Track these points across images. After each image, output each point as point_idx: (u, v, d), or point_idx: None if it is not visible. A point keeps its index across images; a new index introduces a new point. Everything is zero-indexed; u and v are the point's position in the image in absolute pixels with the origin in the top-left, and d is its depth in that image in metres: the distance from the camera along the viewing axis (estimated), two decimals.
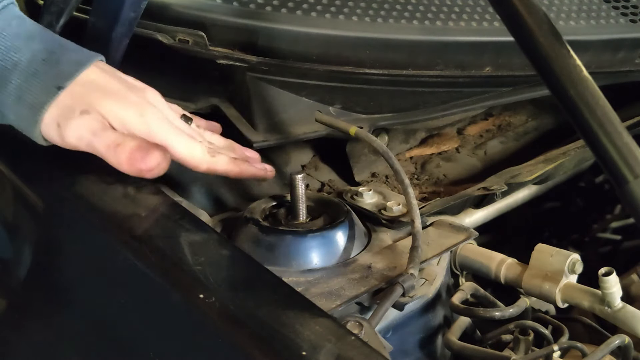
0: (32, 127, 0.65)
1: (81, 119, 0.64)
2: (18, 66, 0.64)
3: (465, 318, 0.77)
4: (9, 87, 0.64)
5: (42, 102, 0.64)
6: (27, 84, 0.64)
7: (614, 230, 1.17)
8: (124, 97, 0.66)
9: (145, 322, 0.64)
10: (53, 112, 0.64)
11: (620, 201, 0.54)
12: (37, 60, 0.64)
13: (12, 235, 0.79)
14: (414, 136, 1.02)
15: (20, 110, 0.64)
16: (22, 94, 0.64)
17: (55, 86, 0.64)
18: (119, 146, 0.64)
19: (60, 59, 0.65)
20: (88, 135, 0.64)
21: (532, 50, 0.56)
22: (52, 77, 0.64)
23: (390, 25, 0.85)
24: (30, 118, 0.64)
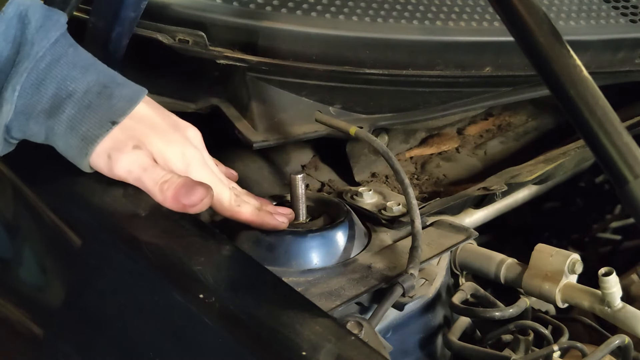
0: (82, 158, 0.66)
1: (132, 153, 0.66)
2: (73, 96, 0.65)
3: (465, 318, 0.77)
4: (62, 116, 0.65)
5: (96, 135, 0.65)
6: (80, 115, 0.65)
7: (614, 230, 1.17)
8: (169, 135, 0.69)
9: (145, 322, 0.64)
10: (105, 144, 0.66)
11: (620, 201, 0.54)
12: (92, 93, 0.66)
13: (12, 235, 0.79)
14: (414, 136, 1.02)
15: (71, 140, 0.66)
16: (75, 125, 0.65)
17: (109, 121, 0.65)
18: (165, 183, 0.66)
19: (113, 94, 0.66)
20: (137, 170, 0.66)
21: (532, 50, 0.56)
22: (106, 111, 0.66)
23: (390, 25, 0.85)
24: (82, 149, 0.66)
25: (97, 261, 0.69)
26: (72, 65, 0.66)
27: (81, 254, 0.70)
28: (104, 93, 0.66)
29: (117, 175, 0.67)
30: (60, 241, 0.72)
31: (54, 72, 0.65)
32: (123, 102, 0.67)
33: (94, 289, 0.69)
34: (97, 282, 0.68)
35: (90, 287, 0.69)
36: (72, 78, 0.66)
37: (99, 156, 0.66)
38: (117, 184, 0.72)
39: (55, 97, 0.65)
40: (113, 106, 0.66)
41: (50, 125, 0.65)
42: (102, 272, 0.68)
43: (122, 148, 0.66)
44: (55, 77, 0.65)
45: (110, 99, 0.66)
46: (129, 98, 0.67)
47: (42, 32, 0.65)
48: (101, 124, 0.65)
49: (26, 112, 0.65)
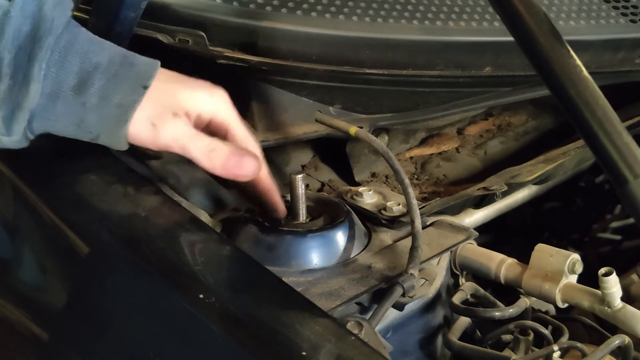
0: (121, 126, 0.65)
1: (175, 122, 0.66)
2: (99, 68, 0.65)
3: (465, 318, 0.77)
4: (92, 89, 0.64)
5: (132, 100, 0.65)
6: (111, 84, 0.64)
7: (614, 230, 1.17)
8: (195, 84, 0.69)
9: (145, 321, 0.64)
10: (142, 111, 0.65)
11: (620, 201, 0.54)
12: (115, 63, 0.65)
13: (12, 235, 0.80)
14: (414, 136, 1.02)
15: (106, 110, 0.65)
16: (108, 95, 0.64)
17: (141, 85, 0.65)
18: (212, 152, 0.66)
19: (134, 62, 0.66)
20: (183, 138, 0.66)
21: (532, 50, 0.56)
22: (134, 77, 0.65)
23: (390, 25, 0.85)
24: (120, 116, 0.65)
25: (97, 261, 0.69)
26: (90, 40, 0.65)
27: (81, 254, 0.70)
28: (125, 62, 0.66)
29: (162, 144, 0.67)
30: (60, 241, 0.72)
31: (76, 47, 0.64)
32: (146, 67, 0.66)
33: (94, 289, 0.69)
34: (97, 282, 0.69)
35: (90, 287, 0.69)
36: (94, 51, 0.65)
37: (140, 124, 0.65)
38: (117, 183, 0.72)
39: (81, 72, 0.64)
40: (138, 71, 0.66)
41: (81, 100, 0.64)
42: (102, 272, 0.68)
43: (163, 116, 0.66)
44: (78, 52, 0.64)
45: (133, 66, 0.66)
46: (149, 63, 0.67)
47: (59, 9, 0.64)
48: (134, 89, 0.65)
49: (53, 92, 0.63)
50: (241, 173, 0.67)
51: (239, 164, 0.67)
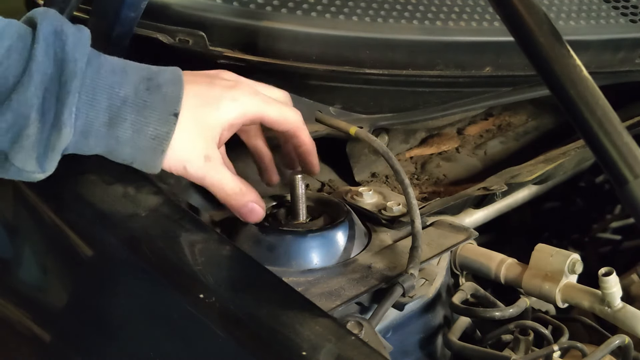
0: (157, 157, 0.67)
1: (204, 166, 0.69)
2: (127, 101, 0.65)
3: (465, 318, 0.77)
4: (125, 124, 0.65)
5: (166, 132, 0.66)
6: (142, 117, 0.66)
7: (614, 230, 1.17)
8: (218, 94, 0.70)
9: (145, 321, 0.64)
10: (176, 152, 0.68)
11: (620, 201, 0.54)
12: (141, 90, 0.66)
13: (12, 235, 0.80)
14: (414, 136, 1.02)
15: (141, 142, 0.66)
16: (141, 128, 0.66)
17: (171, 114, 0.66)
18: (229, 197, 0.71)
19: (159, 84, 0.67)
20: (206, 182, 0.70)
21: (532, 50, 0.56)
22: (163, 104, 0.66)
23: (390, 25, 0.85)
24: (156, 148, 0.66)
25: (97, 261, 0.69)
26: (112, 71, 0.66)
27: (81, 254, 0.70)
28: (151, 87, 0.66)
29: (189, 178, 0.70)
30: (60, 241, 0.72)
31: (100, 83, 0.65)
32: (172, 87, 0.67)
33: (94, 289, 0.69)
34: (97, 282, 0.69)
35: (90, 288, 0.69)
36: (118, 84, 0.65)
37: (171, 162, 0.68)
38: (117, 183, 0.72)
39: (110, 108, 0.65)
40: (166, 95, 0.67)
41: (114, 135, 0.65)
42: (102, 272, 0.68)
43: (193, 161, 0.69)
44: (104, 88, 0.65)
45: (160, 89, 0.66)
46: (173, 81, 0.68)
47: (80, 48, 0.64)
48: (165, 119, 0.66)
49: (85, 130, 0.64)
50: (247, 220, 0.73)
51: (248, 213, 0.72)
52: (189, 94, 0.68)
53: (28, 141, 0.62)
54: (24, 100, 0.61)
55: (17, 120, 0.61)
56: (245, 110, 0.71)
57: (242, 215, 0.73)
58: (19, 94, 0.61)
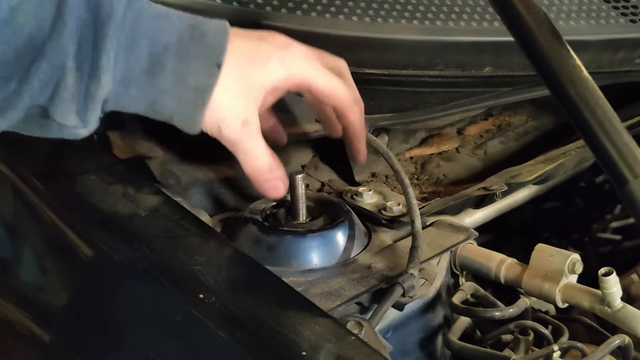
0: (197, 110, 0.64)
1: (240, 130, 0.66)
2: (170, 48, 0.62)
3: (465, 318, 0.77)
4: (166, 72, 0.62)
5: (209, 83, 0.63)
6: (185, 65, 0.62)
7: (614, 230, 1.17)
8: (266, 54, 0.67)
9: (145, 322, 0.64)
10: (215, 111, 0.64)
11: (620, 201, 0.54)
12: (185, 38, 0.63)
13: (12, 235, 0.79)
14: (414, 136, 1.02)
15: (182, 94, 0.63)
16: (183, 77, 0.62)
17: (214, 64, 0.63)
18: (256, 172, 0.68)
19: (204, 32, 0.64)
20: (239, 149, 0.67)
21: (532, 50, 0.56)
22: (207, 53, 0.63)
23: (390, 25, 0.85)
24: (197, 100, 0.63)
25: (97, 261, 0.69)
26: (155, 16, 0.62)
27: (81, 254, 0.70)
28: (196, 35, 0.63)
29: (223, 142, 0.67)
30: (60, 241, 0.72)
31: (141, 28, 0.61)
32: (217, 38, 0.64)
33: (94, 289, 0.69)
34: (97, 282, 0.69)
35: (90, 288, 0.69)
36: (161, 29, 0.62)
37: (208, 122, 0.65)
38: (117, 183, 0.72)
39: (151, 55, 0.61)
40: (210, 45, 0.63)
41: (155, 83, 0.62)
42: (102, 272, 0.68)
43: (231, 123, 0.65)
44: (145, 33, 0.61)
45: (204, 38, 0.63)
46: (218, 31, 0.65)
47: None
48: (208, 69, 0.63)
49: (124, 78, 0.61)
50: (265, 193, 0.70)
51: (270, 189, 0.70)
52: (234, 48, 0.64)
53: (67, 92, 0.59)
54: (58, 49, 0.57)
55: (54, 71, 0.58)
56: (291, 74, 0.68)
57: (263, 189, 0.69)
58: (53, 42, 0.57)
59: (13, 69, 0.57)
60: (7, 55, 0.57)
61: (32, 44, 0.57)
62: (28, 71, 0.57)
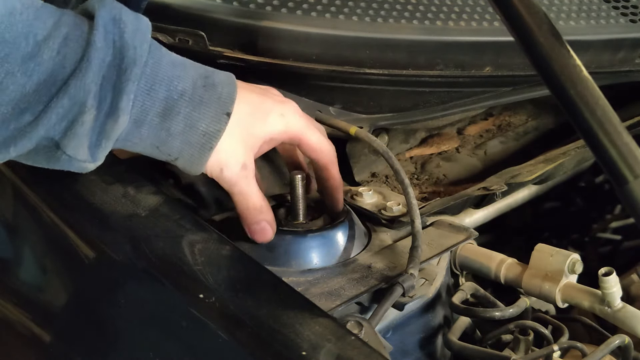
0: (204, 154, 0.67)
1: (239, 174, 0.70)
2: (185, 95, 0.66)
3: (465, 318, 0.77)
4: (179, 117, 0.65)
5: (217, 130, 0.67)
6: (197, 112, 0.66)
7: (614, 230, 1.17)
8: (268, 108, 0.72)
9: (145, 321, 0.64)
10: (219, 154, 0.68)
11: (620, 201, 0.54)
12: (199, 87, 0.67)
13: (12, 235, 0.79)
14: (414, 136, 1.02)
15: (191, 137, 0.66)
16: (194, 123, 0.66)
17: (224, 113, 0.67)
18: (247, 211, 0.71)
19: (215, 82, 0.68)
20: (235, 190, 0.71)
21: (532, 50, 0.56)
22: (217, 103, 0.67)
23: (390, 25, 0.85)
24: (205, 144, 0.67)
25: (97, 261, 0.69)
26: (172, 64, 0.66)
27: (81, 254, 0.70)
28: (208, 85, 0.67)
29: (221, 183, 0.71)
30: (60, 241, 0.72)
31: (160, 74, 0.65)
32: (227, 88, 0.68)
33: (94, 289, 0.69)
34: (96, 282, 0.69)
35: (90, 288, 0.69)
36: (178, 77, 0.66)
37: (212, 166, 0.68)
38: (117, 183, 0.72)
39: (167, 99, 0.65)
40: (221, 95, 0.67)
41: (166, 126, 0.65)
42: (101, 272, 0.68)
43: (231, 167, 0.69)
44: (163, 79, 0.65)
45: (215, 88, 0.67)
46: (228, 82, 0.69)
47: (140, 36, 0.63)
48: (218, 117, 0.67)
49: (139, 119, 0.64)
50: (254, 237, 0.73)
51: (259, 232, 0.72)
52: (241, 99, 0.69)
53: (82, 128, 0.61)
54: (81, 87, 0.60)
55: (73, 107, 0.60)
56: (289, 127, 0.72)
57: (251, 231, 0.72)
58: (76, 80, 0.60)
59: (30, 101, 0.60)
60: (26, 88, 0.59)
61: (52, 80, 0.60)
62: (48, 105, 0.60)
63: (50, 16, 0.60)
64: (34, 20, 0.59)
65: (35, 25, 0.59)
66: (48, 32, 0.59)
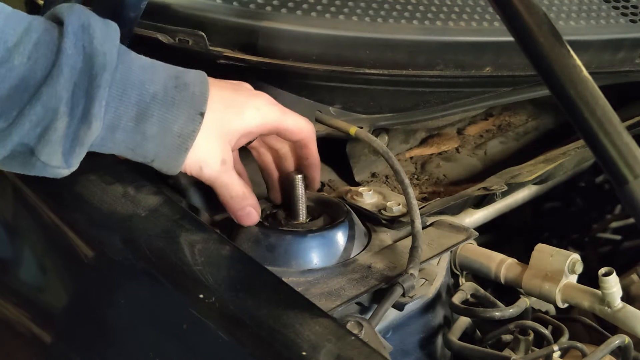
0: (180, 154, 0.68)
1: (218, 169, 0.71)
2: (156, 97, 0.66)
3: (465, 318, 0.77)
4: (153, 119, 0.66)
5: (191, 130, 0.67)
6: (170, 114, 0.66)
7: (614, 230, 1.17)
8: (242, 103, 0.72)
9: (145, 322, 0.64)
10: (196, 151, 0.69)
11: (620, 201, 0.54)
12: (170, 88, 0.67)
13: (12, 235, 0.80)
14: (414, 136, 1.02)
15: (166, 139, 0.67)
16: (168, 124, 0.66)
17: (197, 113, 0.67)
18: (232, 199, 0.73)
19: (186, 82, 0.68)
20: (216, 183, 0.72)
21: (532, 50, 0.56)
22: (190, 103, 0.67)
23: (390, 25, 0.85)
24: (180, 145, 0.67)
25: (97, 262, 0.69)
26: (143, 68, 0.66)
27: (81, 254, 0.70)
28: (179, 85, 0.67)
29: (202, 179, 0.72)
30: (60, 241, 0.72)
31: (131, 79, 0.65)
32: (199, 87, 0.68)
33: (94, 289, 0.69)
34: (96, 282, 0.69)
35: (90, 288, 0.69)
36: (149, 80, 0.66)
37: (190, 163, 0.69)
38: (117, 183, 0.72)
39: (139, 103, 0.65)
40: (193, 94, 0.68)
41: (140, 130, 0.66)
42: (101, 272, 0.68)
43: (210, 163, 0.70)
44: (134, 84, 0.65)
45: (187, 88, 0.68)
46: (200, 81, 0.69)
47: (109, 42, 0.64)
48: (191, 117, 0.67)
49: (112, 125, 0.65)
50: (241, 222, 0.74)
51: (245, 217, 0.74)
52: (214, 97, 0.69)
53: (56, 135, 0.62)
54: (53, 94, 0.61)
55: (46, 114, 0.61)
56: (266, 120, 0.73)
57: (238, 217, 0.74)
58: (48, 87, 0.61)
59: (3, 107, 0.60)
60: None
61: (24, 85, 0.61)
62: (21, 111, 0.61)
63: (20, 22, 0.61)
64: (4, 27, 0.60)
65: (4, 31, 0.60)
66: (18, 38, 0.60)
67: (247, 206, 0.73)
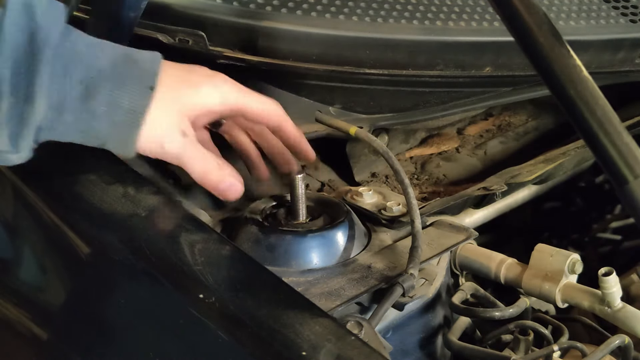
0: (132, 132, 0.65)
1: (181, 141, 0.67)
2: (103, 73, 0.63)
3: (465, 318, 0.77)
4: (100, 96, 0.63)
5: (143, 105, 0.64)
6: (118, 89, 0.64)
7: (614, 230, 1.17)
8: (197, 79, 0.69)
9: (145, 322, 0.64)
10: (152, 127, 0.65)
11: (620, 201, 0.54)
12: (118, 64, 0.64)
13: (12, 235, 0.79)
14: (414, 136, 1.02)
15: (117, 116, 0.64)
16: (117, 100, 0.63)
17: (147, 87, 0.65)
18: (207, 174, 0.69)
19: (136, 59, 0.65)
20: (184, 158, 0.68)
21: (532, 50, 0.56)
22: (140, 77, 0.65)
23: (390, 25, 0.85)
24: (132, 122, 0.64)
25: (97, 261, 0.69)
26: (89, 44, 0.64)
27: (81, 254, 0.70)
28: (129, 61, 0.65)
29: (165, 159, 0.68)
30: (60, 241, 0.72)
31: (76, 55, 0.63)
32: (149, 64, 0.66)
33: (94, 289, 0.69)
34: (96, 282, 0.69)
35: (90, 288, 0.69)
36: (95, 56, 0.63)
37: (147, 140, 0.66)
38: (117, 183, 0.72)
39: (85, 80, 0.62)
40: (143, 69, 0.65)
41: (89, 109, 0.63)
42: (102, 272, 0.68)
43: (171, 135, 0.66)
44: (79, 59, 0.63)
45: (137, 64, 0.65)
46: (151, 58, 0.66)
47: (51, 18, 0.61)
48: (141, 91, 0.64)
49: (59, 104, 0.62)
50: (226, 197, 0.71)
51: (227, 189, 0.71)
52: (166, 73, 0.66)
53: (0, 115, 0.60)
54: None
55: None
56: (226, 99, 0.70)
57: (220, 192, 0.70)
58: None
59: None
60: None
61: None
62: None
63: None
64: None
65: None
66: None
67: (226, 176, 0.70)
